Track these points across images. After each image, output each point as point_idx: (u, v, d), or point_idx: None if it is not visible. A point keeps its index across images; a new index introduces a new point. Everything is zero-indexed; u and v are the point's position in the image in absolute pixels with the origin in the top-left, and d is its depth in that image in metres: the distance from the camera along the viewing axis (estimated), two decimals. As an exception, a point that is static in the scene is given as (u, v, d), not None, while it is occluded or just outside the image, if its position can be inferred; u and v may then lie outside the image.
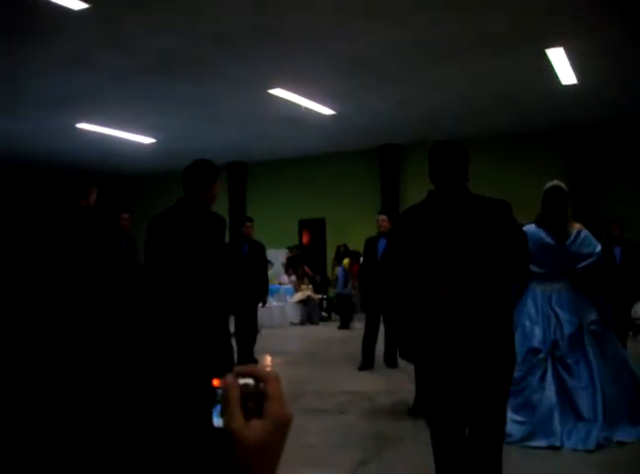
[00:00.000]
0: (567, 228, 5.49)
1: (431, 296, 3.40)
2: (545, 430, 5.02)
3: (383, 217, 9.07)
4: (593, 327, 5.36)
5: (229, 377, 0.78)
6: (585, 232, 5.51)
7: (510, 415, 4.67)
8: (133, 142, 16.55)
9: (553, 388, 5.17)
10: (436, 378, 3.45)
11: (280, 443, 0.83)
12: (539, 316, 5.41)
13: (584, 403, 5.12)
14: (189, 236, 4.43)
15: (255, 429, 0.78)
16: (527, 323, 5.43)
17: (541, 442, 4.95)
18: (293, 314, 16.31)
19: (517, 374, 4.73)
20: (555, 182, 5.72)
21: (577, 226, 5.56)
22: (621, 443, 4.91)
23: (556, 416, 5.05)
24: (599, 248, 5.47)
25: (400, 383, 7.39)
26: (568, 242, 5.42)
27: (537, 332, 5.36)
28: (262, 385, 0.81)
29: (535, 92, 13.22)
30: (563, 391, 5.18)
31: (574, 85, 12.62)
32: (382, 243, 8.75)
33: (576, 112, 15.00)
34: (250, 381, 0.81)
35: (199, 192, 4.53)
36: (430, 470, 3.52)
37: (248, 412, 0.79)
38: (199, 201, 4.52)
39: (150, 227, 4.58)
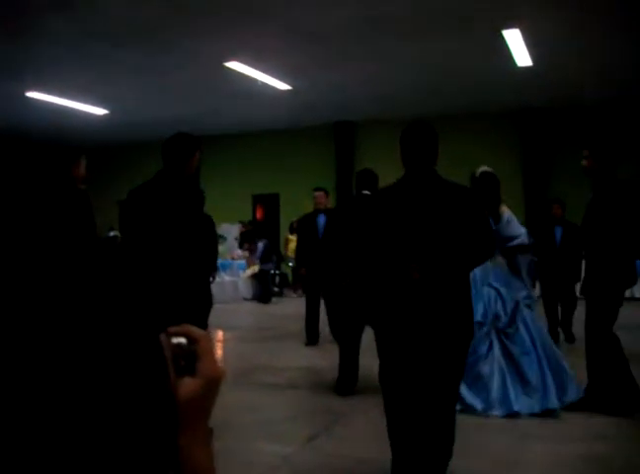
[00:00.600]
0: (499, 211, 5.90)
1: (399, 278, 3.47)
2: (501, 399, 5.29)
3: (320, 193, 9.07)
4: (527, 301, 5.82)
5: (162, 337, 0.79)
6: (509, 215, 5.95)
7: (465, 389, 5.12)
8: (86, 113, 16.26)
9: (501, 358, 5.48)
10: (399, 352, 3.53)
11: (212, 399, 0.85)
12: (480, 292, 5.67)
13: (529, 369, 5.45)
14: (174, 210, 4.41)
15: (186, 386, 0.81)
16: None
17: (499, 412, 5.22)
18: (246, 290, 16.30)
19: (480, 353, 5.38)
20: (485, 167, 6.12)
21: (505, 209, 5.96)
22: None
23: (509, 384, 5.35)
24: (523, 230, 5.98)
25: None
26: (500, 224, 5.84)
27: (480, 306, 5.59)
28: (194, 345, 0.83)
29: (491, 73, 13.35)
30: (510, 359, 5.48)
31: (529, 67, 12.76)
32: (321, 219, 8.75)
33: (530, 93, 15.19)
34: (182, 340, 0.82)
35: (179, 164, 4.50)
36: (379, 442, 3.60)
37: (180, 370, 0.81)
38: (180, 175, 4.50)
39: (131, 200, 4.49)
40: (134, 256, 4.20)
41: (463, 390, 5.13)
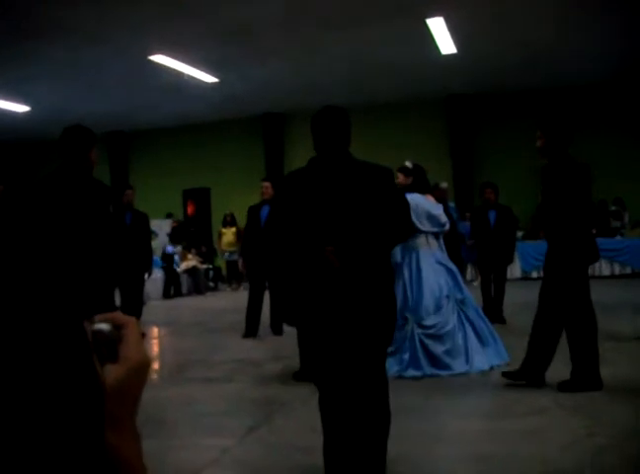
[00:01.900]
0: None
1: (316, 263, 3.44)
2: (477, 359, 6.15)
3: (267, 184, 9.05)
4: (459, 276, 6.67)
5: (84, 323, 0.72)
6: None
7: (449, 358, 6.06)
8: (6, 110, 15.78)
9: (468, 325, 6.32)
10: (321, 342, 3.51)
11: (138, 387, 0.79)
12: (435, 271, 6.42)
13: (482, 330, 6.39)
14: (71, 204, 4.28)
15: (109, 373, 0.75)
16: (432, 278, 6.38)
17: (474, 369, 6.05)
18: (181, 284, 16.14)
19: (437, 320, 6.16)
20: (408, 162, 6.79)
21: (431, 198, 6.83)
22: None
23: (478, 344, 6.26)
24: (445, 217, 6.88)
25: (286, 349, 7.47)
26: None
27: (442, 282, 6.37)
28: (118, 331, 0.78)
29: (415, 61, 13.49)
30: (470, 323, 6.34)
31: (453, 54, 12.95)
32: (265, 210, 8.74)
33: (455, 80, 15.43)
34: (104, 326, 0.77)
35: (76, 159, 4.37)
36: (320, 431, 3.60)
37: (102, 357, 0.75)
38: (78, 169, 4.37)
39: (29, 196, 4.38)
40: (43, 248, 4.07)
41: (447, 359, 6.05)
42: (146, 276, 9.39)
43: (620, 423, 4.40)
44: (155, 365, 7.41)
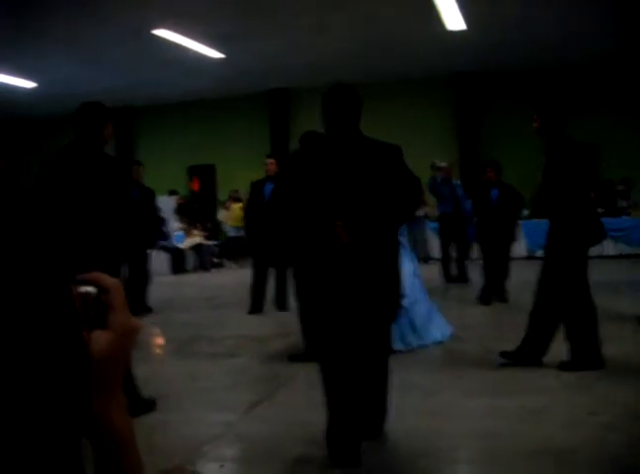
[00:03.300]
0: None
1: (325, 237, 3.46)
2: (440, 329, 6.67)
3: (271, 161, 9.02)
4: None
5: (70, 286, 0.72)
6: None
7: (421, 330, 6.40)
8: (14, 86, 15.72)
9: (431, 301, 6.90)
10: (327, 314, 3.53)
11: (126, 354, 0.78)
12: (406, 249, 6.66)
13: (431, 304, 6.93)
14: (85, 180, 4.27)
15: (98, 340, 0.74)
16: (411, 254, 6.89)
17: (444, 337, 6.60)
18: (186, 261, 16.15)
19: (417, 297, 6.50)
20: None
21: None
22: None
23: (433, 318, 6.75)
24: None
25: (291, 325, 7.47)
26: None
27: (414, 260, 6.90)
28: (103, 295, 0.76)
29: (422, 37, 13.37)
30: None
31: (461, 31, 12.82)
32: (269, 187, 8.70)
33: (463, 58, 15.31)
34: (91, 289, 0.75)
35: (90, 134, 4.36)
36: (322, 406, 3.62)
37: (89, 322, 0.74)
38: (91, 144, 4.37)
39: (43, 169, 4.36)
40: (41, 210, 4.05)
41: (411, 338, 6.28)
42: (149, 251, 9.44)
43: (623, 402, 4.41)
44: (160, 341, 7.44)
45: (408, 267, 6.35)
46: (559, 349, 5.35)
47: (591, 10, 11.91)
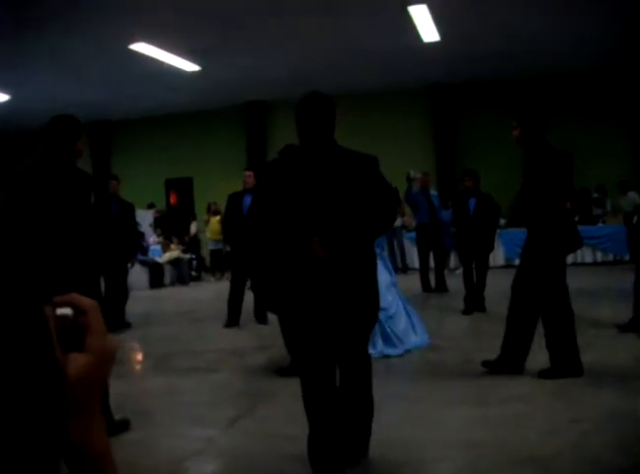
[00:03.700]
0: None
1: (301, 253, 3.42)
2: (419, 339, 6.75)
3: (249, 173, 9.03)
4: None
5: (46, 308, 0.71)
6: None
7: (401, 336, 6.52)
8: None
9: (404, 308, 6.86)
10: (305, 329, 3.50)
11: (104, 376, 0.77)
12: (384, 259, 6.92)
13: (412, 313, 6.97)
14: (55, 195, 4.22)
15: (75, 363, 0.73)
16: (388, 264, 7.05)
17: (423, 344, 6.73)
18: (164, 275, 16.07)
19: (389, 303, 6.49)
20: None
21: None
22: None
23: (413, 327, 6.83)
24: None
25: (270, 338, 7.46)
26: None
27: (390, 269, 6.98)
28: (82, 316, 0.75)
29: (398, 49, 13.46)
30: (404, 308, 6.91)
31: (436, 42, 12.92)
32: (248, 199, 8.70)
33: (439, 69, 15.42)
34: (68, 311, 0.74)
35: (62, 148, 4.31)
36: (304, 420, 3.60)
37: (66, 345, 0.74)
38: (63, 159, 4.32)
39: (13, 185, 4.30)
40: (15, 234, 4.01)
41: (400, 337, 6.49)
42: (129, 265, 9.38)
43: (603, 408, 4.43)
44: (139, 356, 7.39)
45: (385, 278, 6.37)
46: (538, 356, 5.38)
47: (563, 19, 12.06)
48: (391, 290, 6.65)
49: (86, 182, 4.44)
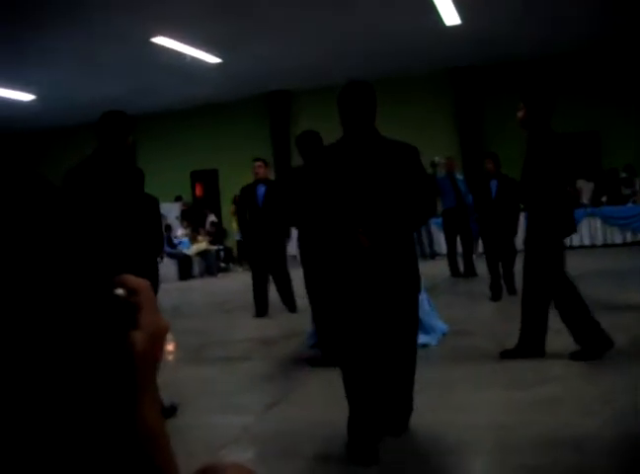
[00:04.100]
0: None
1: (347, 243, 3.48)
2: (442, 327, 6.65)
3: (259, 163, 9.03)
4: None
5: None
6: None
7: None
8: (12, 100, 15.76)
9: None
10: (352, 317, 3.57)
11: (158, 353, 0.79)
12: None
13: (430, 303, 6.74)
14: (115, 189, 4.31)
15: (131, 341, 0.75)
16: None
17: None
18: (192, 267, 16.19)
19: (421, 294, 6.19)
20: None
21: None
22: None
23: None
24: None
25: (300, 326, 7.51)
26: None
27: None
28: (133, 297, 0.76)
29: (419, 34, 13.38)
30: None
31: (457, 25, 12.84)
32: (261, 189, 8.77)
33: (461, 52, 15.32)
34: (120, 292, 0.75)
35: (115, 143, 4.39)
36: (338, 404, 3.65)
37: (122, 324, 0.75)
38: (117, 153, 4.40)
39: (68, 179, 4.33)
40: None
41: (425, 339, 6.12)
42: (159, 259, 9.45)
43: (637, 389, 4.41)
44: (172, 347, 7.47)
45: None
46: (563, 338, 5.37)
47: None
48: None
49: (140, 175, 4.56)
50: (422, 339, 6.24)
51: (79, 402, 0.64)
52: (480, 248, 13.63)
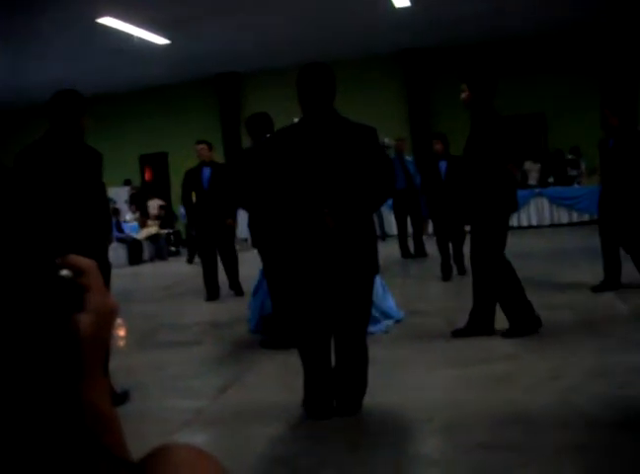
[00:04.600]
0: None
1: (312, 224, 3.49)
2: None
3: (202, 146, 8.95)
4: None
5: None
6: None
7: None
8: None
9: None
10: (309, 294, 3.59)
11: (106, 334, 0.77)
12: None
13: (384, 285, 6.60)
14: (68, 171, 4.19)
15: (78, 323, 0.72)
16: None
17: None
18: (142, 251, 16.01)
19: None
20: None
21: None
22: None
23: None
24: None
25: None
26: None
27: None
28: (80, 278, 0.74)
29: (369, 16, 13.37)
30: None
31: (407, 7, 12.85)
32: (206, 172, 8.71)
33: (410, 35, 15.35)
34: (66, 273, 0.72)
35: (69, 124, 4.24)
36: (289, 385, 3.65)
37: (68, 305, 0.72)
38: (71, 134, 4.26)
39: (19, 161, 4.20)
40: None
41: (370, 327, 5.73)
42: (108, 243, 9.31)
43: (584, 365, 4.51)
44: (122, 332, 7.39)
45: None
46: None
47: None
48: None
49: (96, 157, 4.44)
50: (372, 328, 5.96)
51: (21, 386, 0.61)
52: (430, 228, 13.75)
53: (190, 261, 14.35)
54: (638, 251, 6.80)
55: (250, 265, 6.15)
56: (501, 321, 5.51)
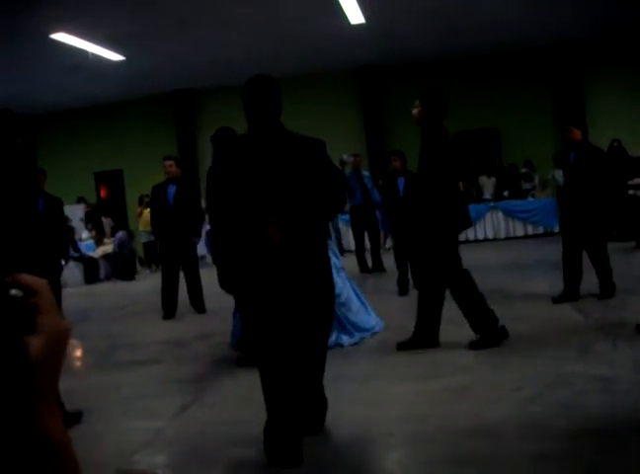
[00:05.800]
0: None
1: (257, 237, 3.43)
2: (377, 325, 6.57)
3: (170, 162, 8.93)
4: None
5: None
6: None
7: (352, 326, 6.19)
8: None
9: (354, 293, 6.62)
10: (265, 312, 3.51)
11: (59, 357, 0.75)
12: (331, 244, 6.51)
13: (361, 297, 6.74)
14: (6, 189, 4.10)
15: (29, 345, 0.70)
16: (334, 248, 6.71)
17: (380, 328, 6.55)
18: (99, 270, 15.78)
19: (348, 293, 6.34)
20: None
21: None
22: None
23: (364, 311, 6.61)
24: None
25: (210, 327, 7.44)
26: None
27: (337, 253, 6.73)
28: (32, 297, 0.72)
29: (325, 32, 13.45)
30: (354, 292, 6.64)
31: (362, 24, 12.96)
32: (172, 188, 8.66)
33: (366, 51, 15.48)
34: (16, 293, 0.70)
35: (2, 143, 4.15)
36: (250, 404, 3.62)
37: (19, 327, 0.70)
38: (5, 155, 4.17)
39: None
40: None
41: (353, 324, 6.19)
42: (63, 262, 9.15)
43: (542, 376, 4.56)
44: (79, 352, 7.27)
45: (333, 261, 6.27)
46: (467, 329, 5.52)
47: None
48: (340, 275, 6.38)
49: (26, 178, 4.35)
50: (345, 340, 6.10)
51: None
52: (388, 243, 13.80)
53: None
54: (601, 262, 6.94)
55: (210, 282, 6.09)
56: (445, 334, 5.56)
